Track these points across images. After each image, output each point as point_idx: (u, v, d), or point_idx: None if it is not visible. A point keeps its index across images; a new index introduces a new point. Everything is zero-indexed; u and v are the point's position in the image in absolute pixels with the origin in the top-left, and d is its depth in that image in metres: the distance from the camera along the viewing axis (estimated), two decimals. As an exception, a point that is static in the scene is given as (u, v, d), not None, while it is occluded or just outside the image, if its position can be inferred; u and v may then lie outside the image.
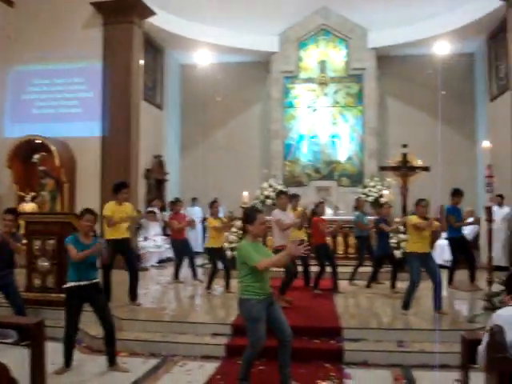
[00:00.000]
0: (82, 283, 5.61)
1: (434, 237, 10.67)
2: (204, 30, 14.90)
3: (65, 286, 5.70)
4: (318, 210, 9.47)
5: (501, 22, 12.92)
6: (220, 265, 9.41)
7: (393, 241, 10.43)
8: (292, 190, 15.36)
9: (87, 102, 12.98)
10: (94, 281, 5.71)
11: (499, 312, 2.85)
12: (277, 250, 7.10)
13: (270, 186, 15.32)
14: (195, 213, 15.43)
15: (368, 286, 9.59)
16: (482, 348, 2.92)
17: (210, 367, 5.75)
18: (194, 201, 15.82)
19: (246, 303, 4.80)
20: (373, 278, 9.70)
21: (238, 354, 5.94)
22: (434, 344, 6.11)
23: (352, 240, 11.56)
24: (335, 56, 16.04)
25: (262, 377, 5.44)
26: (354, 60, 15.77)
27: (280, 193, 8.77)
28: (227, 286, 9.15)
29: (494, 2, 12.26)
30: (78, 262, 5.57)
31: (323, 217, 9.69)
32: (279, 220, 8.02)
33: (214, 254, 9.34)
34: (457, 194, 9.65)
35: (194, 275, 10.47)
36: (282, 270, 7.84)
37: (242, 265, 4.84)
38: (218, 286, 9.40)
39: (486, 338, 2.89)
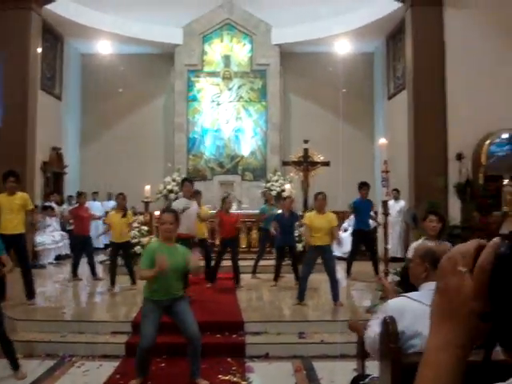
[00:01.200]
0: None
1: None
2: (106, 19, 14.47)
3: None
4: (225, 204, 9.41)
5: (399, 24, 13.44)
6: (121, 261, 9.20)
7: (296, 233, 10.58)
8: (196, 185, 15.36)
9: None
10: None
11: (390, 302, 2.95)
12: (179, 239, 6.98)
13: (174, 180, 15.12)
14: (96, 207, 15.00)
15: (275, 280, 9.53)
16: (370, 335, 2.99)
17: (109, 366, 5.58)
18: (95, 195, 15.37)
19: (144, 301, 4.89)
20: (278, 272, 9.71)
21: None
22: (334, 335, 6.27)
23: (255, 234, 11.67)
24: (239, 51, 16.10)
25: (163, 373, 5.35)
26: (258, 56, 15.89)
27: (184, 180, 8.60)
28: (133, 282, 8.93)
29: (393, 4, 12.74)
30: None
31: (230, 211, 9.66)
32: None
33: (118, 249, 9.09)
34: (363, 186, 9.96)
35: (93, 273, 10.12)
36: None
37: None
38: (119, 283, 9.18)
39: (375, 326, 2.97)
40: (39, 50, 13.00)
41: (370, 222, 10.72)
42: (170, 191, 14.86)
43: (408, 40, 12.67)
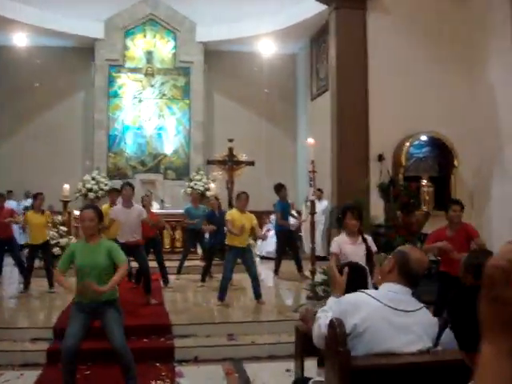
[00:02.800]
0: None
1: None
2: (23, 9, 13.75)
3: None
4: (144, 203, 9.14)
5: (323, 26, 13.61)
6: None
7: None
8: (116, 183, 14.94)
9: None
10: None
11: (348, 295, 2.90)
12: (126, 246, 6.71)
13: (93, 179, 14.65)
14: (10, 206, 14.30)
15: (203, 280, 9.42)
16: (322, 328, 2.90)
17: (31, 376, 5.25)
18: (9, 194, 14.61)
19: (72, 302, 4.65)
20: (207, 272, 9.59)
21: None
22: (264, 336, 6.21)
23: (180, 234, 11.49)
24: (163, 47, 15.80)
25: (90, 381, 5.10)
26: (182, 53, 15.66)
27: (125, 185, 8.09)
28: (50, 286, 8.50)
29: (318, 6, 12.87)
30: None
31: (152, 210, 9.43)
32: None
33: (36, 251, 8.65)
34: (281, 188, 9.97)
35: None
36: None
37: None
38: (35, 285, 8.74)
39: (327, 320, 2.89)
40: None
41: (292, 220, 10.82)
42: (90, 190, 14.39)
43: (331, 42, 12.83)
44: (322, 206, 12.44)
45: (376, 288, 3.26)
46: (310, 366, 3.88)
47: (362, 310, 2.72)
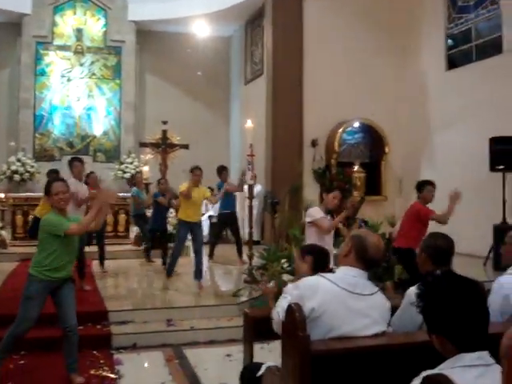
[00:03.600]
0: None
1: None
2: None
3: None
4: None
5: (258, 9, 13.53)
6: None
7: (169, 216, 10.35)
8: (44, 166, 14.43)
9: None
10: None
11: (305, 279, 2.89)
12: None
13: (19, 161, 14.04)
14: None
15: (149, 261, 9.49)
16: (281, 314, 2.87)
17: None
18: None
19: (31, 279, 4.42)
20: (148, 254, 9.60)
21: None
22: (203, 320, 6.17)
23: (123, 218, 11.26)
24: (93, 25, 15.27)
25: (25, 371, 4.89)
26: (113, 31, 15.19)
27: (74, 160, 7.71)
28: None
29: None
30: None
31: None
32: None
33: None
34: (223, 170, 9.90)
35: None
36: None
37: (41, 239, 4.42)
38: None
39: (284, 302, 2.88)
40: None
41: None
42: (15, 172, 13.79)
43: (267, 26, 12.83)
44: (256, 190, 12.44)
45: None
46: (258, 351, 3.88)
47: (319, 294, 2.72)
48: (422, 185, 6.64)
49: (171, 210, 10.07)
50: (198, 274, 7.58)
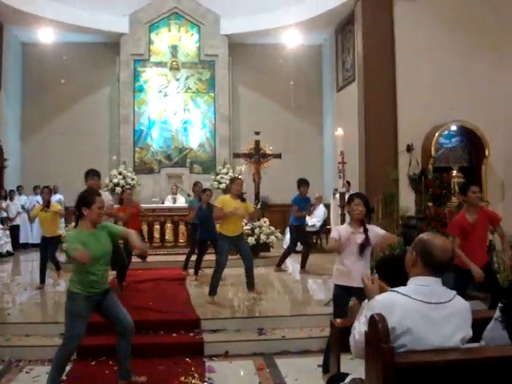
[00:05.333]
0: None
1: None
2: (48, 5, 13.81)
3: None
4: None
5: (348, 15, 13.42)
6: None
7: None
8: (144, 178, 15.00)
9: None
10: None
11: (378, 298, 2.76)
12: None
13: (120, 174, 14.68)
14: (36, 202, 14.48)
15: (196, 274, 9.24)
16: (357, 337, 2.80)
17: (61, 370, 5.23)
18: (36, 189, 14.76)
19: (73, 297, 4.42)
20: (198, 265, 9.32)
21: (90, 354, 5.54)
22: (295, 330, 6.11)
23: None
24: (187, 41, 15.75)
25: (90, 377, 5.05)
26: (207, 46, 15.58)
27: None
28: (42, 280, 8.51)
29: (343, -5, 12.76)
30: None
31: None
32: None
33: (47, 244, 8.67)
34: (302, 184, 9.80)
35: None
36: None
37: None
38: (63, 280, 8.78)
39: (361, 326, 2.80)
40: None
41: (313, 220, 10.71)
42: (116, 184, 14.42)
43: (358, 32, 12.66)
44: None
45: None
46: (346, 362, 3.78)
47: (396, 311, 2.60)
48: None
49: None
50: (251, 285, 7.54)
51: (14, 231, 13.26)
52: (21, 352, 5.66)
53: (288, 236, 11.58)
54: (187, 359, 5.49)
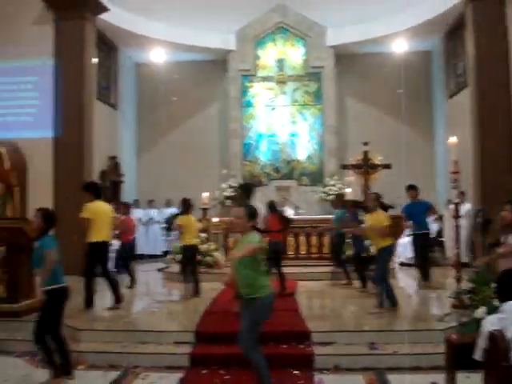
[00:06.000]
0: (62, 285, 5.31)
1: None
2: (159, 27, 14.52)
3: (49, 287, 5.23)
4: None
5: (458, 20, 12.99)
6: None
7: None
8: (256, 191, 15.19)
9: (38, 101, 12.41)
10: (43, 288, 5.26)
11: (504, 307, 2.61)
12: None
13: (230, 187, 15.01)
14: (152, 215, 15.16)
15: (364, 286, 9.08)
16: (484, 330, 2.66)
17: (174, 378, 5.40)
18: (151, 203, 15.45)
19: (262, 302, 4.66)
20: (363, 279, 9.15)
21: (202, 362, 5.68)
22: (407, 345, 5.92)
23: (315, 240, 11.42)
24: (293, 54, 15.88)
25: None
26: (313, 58, 15.62)
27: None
28: (197, 291, 8.78)
29: (451, 0, 12.34)
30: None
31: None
32: None
33: (190, 251, 8.94)
34: (410, 189, 9.53)
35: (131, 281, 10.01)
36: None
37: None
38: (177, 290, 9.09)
39: (489, 324, 2.65)
40: (95, 60, 13.10)
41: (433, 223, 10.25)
42: (227, 198, 14.75)
43: (469, 36, 12.19)
44: (464, 209, 11.74)
45: None
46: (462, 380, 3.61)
47: None
48: None
49: None
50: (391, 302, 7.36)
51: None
52: (137, 359, 5.90)
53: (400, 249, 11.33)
54: (296, 372, 5.47)
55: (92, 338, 6.44)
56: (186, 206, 9.07)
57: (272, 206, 8.82)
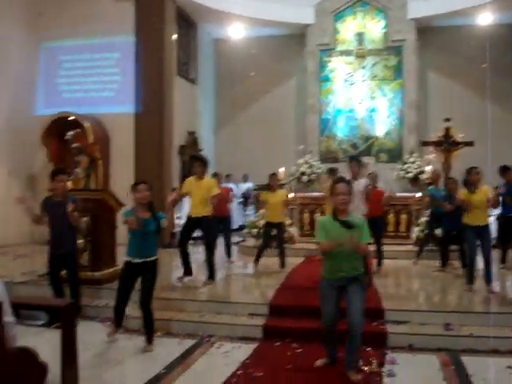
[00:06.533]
0: (133, 261, 5.51)
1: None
2: (237, 2, 14.51)
3: (156, 257, 5.62)
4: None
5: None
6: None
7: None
8: (328, 166, 15.10)
9: (120, 77, 12.79)
10: (148, 259, 5.50)
11: None
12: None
13: (306, 163, 14.96)
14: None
15: (444, 266, 8.93)
16: None
17: (247, 349, 5.54)
18: (228, 177, 15.63)
19: (321, 279, 4.82)
20: (445, 257, 8.99)
21: (275, 335, 5.80)
22: (484, 328, 5.78)
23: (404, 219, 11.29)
24: (373, 28, 15.49)
25: (298, 360, 5.18)
26: (393, 31, 15.18)
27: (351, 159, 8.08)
28: (282, 264, 8.87)
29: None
30: (133, 236, 5.48)
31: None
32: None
33: (271, 229, 9.01)
34: (505, 170, 9.14)
35: (228, 254, 10.21)
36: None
37: None
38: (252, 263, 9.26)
39: None
40: (174, 36, 13.31)
41: None
42: (303, 173, 14.72)
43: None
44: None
45: None
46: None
47: None
48: None
49: None
50: (488, 278, 7.15)
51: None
52: (212, 328, 6.09)
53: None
54: (368, 348, 5.47)
55: (168, 307, 6.68)
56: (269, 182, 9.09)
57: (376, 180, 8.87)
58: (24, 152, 12.51)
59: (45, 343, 4.25)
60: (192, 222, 7.85)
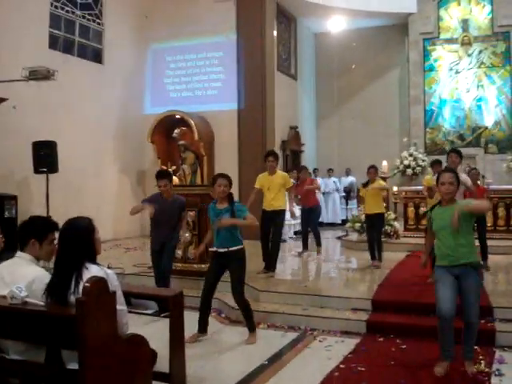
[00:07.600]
0: (219, 250, 5.62)
1: None
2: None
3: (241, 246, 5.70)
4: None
5: None
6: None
7: None
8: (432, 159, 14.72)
9: (223, 75, 13.11)
10: (231, 249, 5.62)
11: None
12: None
13: (411, 155, 14.67)
14: (330, 184, 15.30)
15: None
16: None
17: (350, 343, 5.54)
18: (330, 172, 15.61)
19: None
20: None
21: (378, 330, 5.77)
22: None
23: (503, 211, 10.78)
24: (478, 13, 14.90)
25: (403, 357, 5.14)
26: (501, 16, 14.54)
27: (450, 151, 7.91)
28: (379, 257, 8.70)
29: None
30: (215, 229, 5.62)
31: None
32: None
33: (370, 222, 8.86)
34: None
35: (318, 244, 10.21)
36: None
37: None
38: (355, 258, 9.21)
39: None
40: (275, 32, 13.45)
41: None
42: (407, 166, 14.45)
43: None
44: None
45: None
46: None
47: None
48: None
49: None
50: None
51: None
52: (315, 322, 6.15)
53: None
54: (476, 347, 5.32)
55: (272, 300, 6.82)
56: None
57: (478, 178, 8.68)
58: (134, 150, 13.14)
59: (155, 331, 4.50)
60: (267, 216, 8.03)
